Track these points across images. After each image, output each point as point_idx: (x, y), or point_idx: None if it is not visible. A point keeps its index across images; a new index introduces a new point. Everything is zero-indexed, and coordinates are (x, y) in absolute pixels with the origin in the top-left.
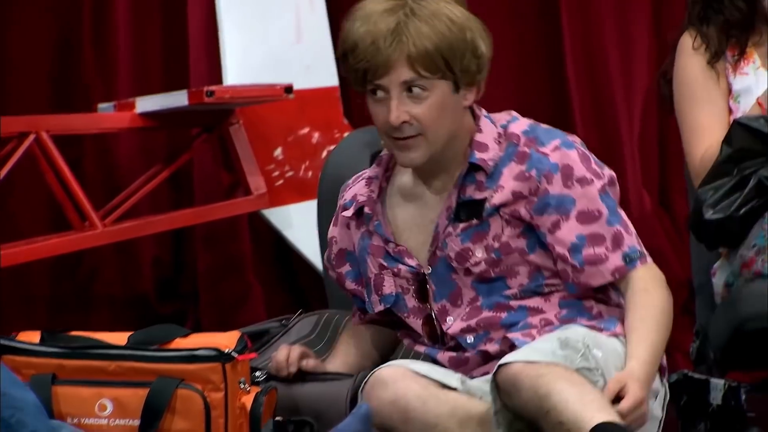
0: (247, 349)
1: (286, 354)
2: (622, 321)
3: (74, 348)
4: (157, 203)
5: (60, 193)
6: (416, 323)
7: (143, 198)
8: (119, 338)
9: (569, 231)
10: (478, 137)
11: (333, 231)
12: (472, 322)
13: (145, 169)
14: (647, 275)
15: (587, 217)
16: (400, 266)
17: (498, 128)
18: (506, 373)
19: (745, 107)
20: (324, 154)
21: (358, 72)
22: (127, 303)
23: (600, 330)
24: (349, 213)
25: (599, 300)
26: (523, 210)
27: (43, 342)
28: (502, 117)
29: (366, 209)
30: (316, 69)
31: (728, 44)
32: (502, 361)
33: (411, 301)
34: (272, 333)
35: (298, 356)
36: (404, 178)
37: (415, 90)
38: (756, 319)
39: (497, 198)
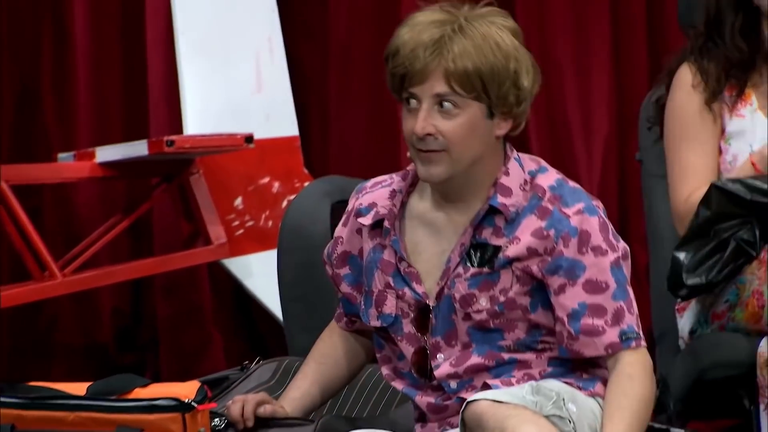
0: (207, 398)
1: (240, 409)
2: (603, 382)
3: (33, 398)
4: (117, 253)
5: (19, 242)
6: (408, 349)
7: (103, 248)
8: (78, 388)
9: (573, 297)
10: (504, 180)
11: (341, 231)
12: (460, 368)
13: (104, 219)
14: (637, 361)
15: (594, 287)
16: (406, 290)
17: (525, 174)
18: (473, 410)
19: (735, 151)
20: (284, 203)
21: (396, 77)
22: (86, 353)
23: (579, 388)
24: (366, 221)
25: (587, 362)
26: (535, 267)
27: (1, 392)
28: (530, 163)
29: (386, 223)
30: (277, 118)
31: (727, 83)
32: (471, 398)
33: (408, 327)
34: (232, 379)
35: (253, 408)
36: (423, 200)
37: (447, 105)
38: (716, 369)
39: (512, 250)
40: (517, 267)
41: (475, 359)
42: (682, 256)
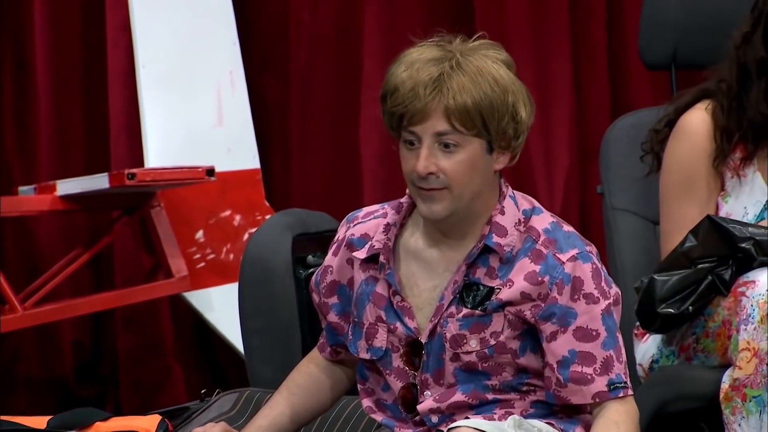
0: (168, 431)
1: None
2: (584, 426)
3: None
4: (78, 286)
5: None
6: (395, 384)
7: (64, 281)
8: (38, 422)
9: (564, 344)
10: (499, 218)
11: (331, 260)
12: (443, 404)
13: (65, 252)
14: (623, 409)
15: (585, 334)
16: (398, 325)
17: (520, 214)
18: None
19: (729, 210)
20: (245, 236)
21: (394, 116)
22: (47, 386)
23: (560, 430)
24: (361, 255)
25: (570, 406)
26: (528, 313)
27: None
28: (524, 202)
29: (381, 258)
30: (238, 151)
31: (738, 144)
32: (452, 425)
33: (397, 361)
34: (192, 410)
35: None
36: (416, 235)
37: (448, 143)
38: (678, 401)
39: (505, 294)
40: (509, 311)
41: (458, 396)
42: (658, 282)
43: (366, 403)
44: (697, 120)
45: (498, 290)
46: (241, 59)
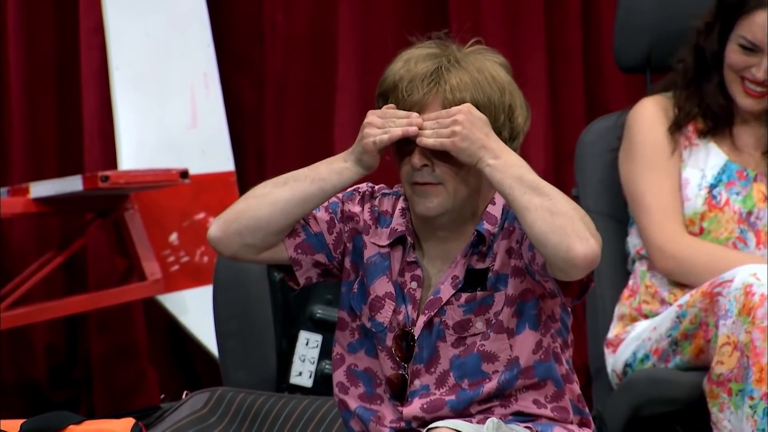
0: None
1: None
2: (562, 429)
3: None
4: (51, 289)
5: None
6: (386, 364)
7: (37, 284)
8: (11, 426)
9: None
10: (490, 208)
11: (357, 209)
12: (428, 415)
13: (38, 255)
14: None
15: None
16: (402, 309)
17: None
18: None
19: (687, 175)
20: None
21: None
22: (20, 389)
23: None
24: (383, 242)
25: (551, 419)
26: (518, 260)
27: None
28: None
29: (409, 239)
30: (212, 153)
31: (693, 121)
32: (431, 426)
33: (390, 341)
34: (164, 408)
35: None
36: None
37: None
38: (653, 404)
39: (497, 264)
40: (506, 270)
41: (446, 411)
42: None
43: (338, 377)
44: (643, 106)
45: (492, 266)
46: (216, 61)
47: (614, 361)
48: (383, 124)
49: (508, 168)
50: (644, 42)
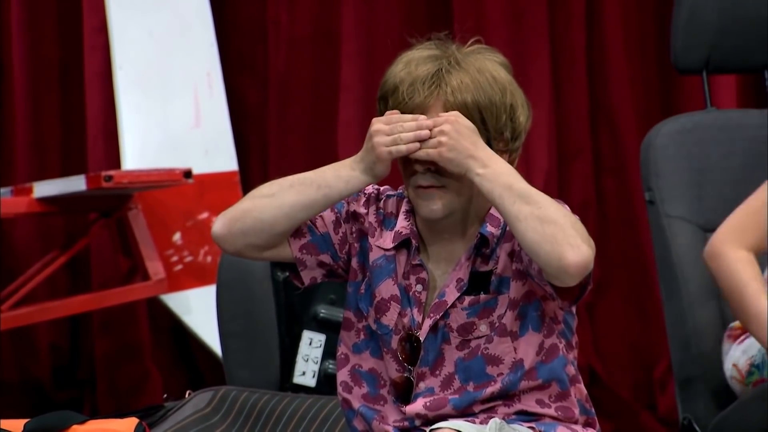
0: None
1: None
2: (566, 428)
3: None
4: (55, 289)
5: None
6: (391, 366)
7: (40, 283)
8: (15, 426)
9: None
10: (493, 210)
11: (360, 208)
12: (431, 413)
13: (42, 254)
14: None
15: None
16: (408, 312)
17: None
18: None
19: None
20: None
21: None
22: (23, 389)
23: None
24: (387, 244)
25: (555, 419)
26: (519, 263)
27: None
28: None
29: (414, 242)
30: (215, 153)
31: None
32: (434, 426)
33: (395, 344)
34: (167, 407)
35: None
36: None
37: None
38: None
39: (500, 266)
40: (513, 276)
41: (449, 409)
42: None
43: (342, 377)
44: None
45: (495, 269)
46: (219, 60)
47: (738, 354)
48: (391, 131)
49: (497, 177)
50: (704, 43)
